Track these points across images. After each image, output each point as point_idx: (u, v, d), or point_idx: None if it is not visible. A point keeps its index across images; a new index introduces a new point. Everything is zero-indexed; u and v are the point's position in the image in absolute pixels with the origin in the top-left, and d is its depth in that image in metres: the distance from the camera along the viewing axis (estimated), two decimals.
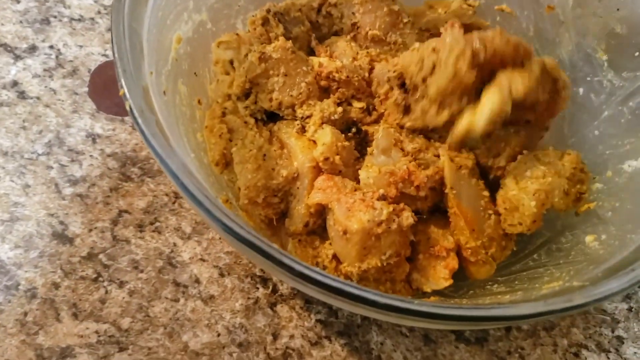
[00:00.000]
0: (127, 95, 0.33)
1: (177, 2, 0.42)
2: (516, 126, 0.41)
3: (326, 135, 0.39)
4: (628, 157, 0.42)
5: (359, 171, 0.39)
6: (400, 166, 0.37)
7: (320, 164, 0.38)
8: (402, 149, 0.38)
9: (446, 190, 0.38)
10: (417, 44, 0.41)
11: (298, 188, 0.40)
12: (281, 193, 0.41)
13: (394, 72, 0.40)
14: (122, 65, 0.34)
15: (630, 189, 0.40)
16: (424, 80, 0.38)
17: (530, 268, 0.42)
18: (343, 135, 0.40)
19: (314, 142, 0.40)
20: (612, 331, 0.47)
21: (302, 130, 0.41)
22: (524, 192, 0.38)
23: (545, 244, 0.44)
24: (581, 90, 0.48)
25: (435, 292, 0.42)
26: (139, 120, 0.32)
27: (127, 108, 0.33)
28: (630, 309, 0.48)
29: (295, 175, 0.40)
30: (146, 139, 0.32)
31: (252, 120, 0.43)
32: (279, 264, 0.29)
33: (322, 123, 0.40)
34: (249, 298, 0.45)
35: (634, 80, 0.44)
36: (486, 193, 0.40)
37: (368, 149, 0.39)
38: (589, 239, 0.40)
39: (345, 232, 0.36)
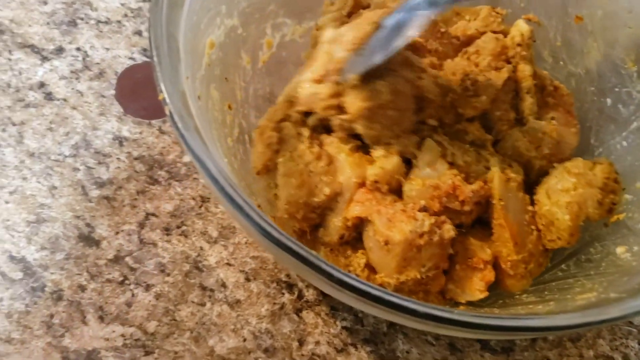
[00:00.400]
0: (167, 99, 0.33)
1: (210, 6, 0.42)
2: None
3: (389, 164, 0.38)
4: None
5: (404, 186, 0.38)
6: (445, 180, 0.37)
7: (367, 183, 0.38)
8: (452, 162, 0.38)
9: (494, 201, 0.38)
10: None
11: (337, 202, 0.40)
12: (320, 210, 0.41)
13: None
14: (162, 69, 0.34)
15: None
16: None
17: (560, 279, 0.42)
18: (403, 167, 0.39)
19: (369, 159, 0.39)
20: (639, 343, 0.46)
21: (356, 149, 0.40)
22: (557, 206, 0.38)
23: (574, 254, 0.43)
24: (609, 100, 0.48)
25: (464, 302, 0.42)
26: (179, 125, 0.32)
27: (167, 112, 0.33)
28: None
29: (338, 191, 0.40)
30: (186, 143, 0.32)
31: (306, 133, 0.42)
32: (319, 271, 0.29)
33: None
34: (274, 303, 0.45)
35: None
36: (531, 208, 0.39)
37: (413, 160, 0.39)
38: (620, 250, 0.40)
39: (386, 243, 0.36)
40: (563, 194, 0.39)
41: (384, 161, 0.38)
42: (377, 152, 0.39)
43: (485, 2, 0.52)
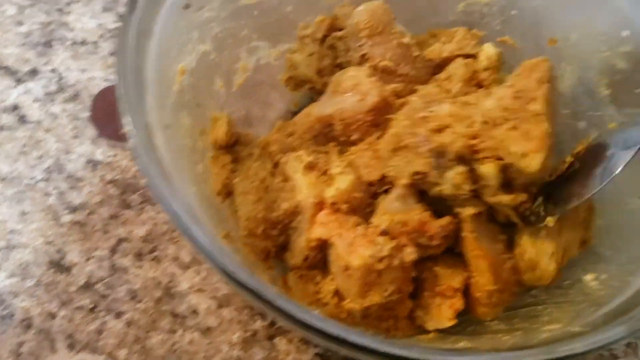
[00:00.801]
0: (131, 133, 0.33)
1: (181, 32, 0.42)
2: None
3: (344, 182, 0.38)
4: (630, 194, 0.42)
5: (372, 217, 0.38)
6: (413, 215, 0.37)
7: (326, 206, 0.38)
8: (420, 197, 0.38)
9: (464, 234, 0.38)
10: None
11: (299, 222, 0.40)
12: (281, 225, 0.41)
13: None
14: (127, 101, 0.34)
15: (630, 227, 0.40)
16: None
17: (529, 305, 0.41)
18: (363, 187, 0.39)
19: (325, 179, 0.39)
20: None
21: (311, 167, 0.40)
22: (542, 254, 0.38)
23: None
24: (582, 124, 0.48)
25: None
26: (144, 159, 0.32)
27: (130, 146, 0.33)
28: (629, 345, 0.48)
29: (297, 209, 0.40)
30: (150, 179, 0.31)
31: (257, 151, 0.43)
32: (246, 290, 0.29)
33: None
34: (246, 330, 0.45)
35: (635, 117, 0.44)
36: (503, 237, 0.39)
37: (382, 195, 0.39)
38: (588, 277, 0.40)
39: (346, 268, 0.36)
40: (548, 242, 0.38)
41: (340, 180, 0.38)
42: (335, 170, 0.39)
43: (461, 23, 0.52)
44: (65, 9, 0.57)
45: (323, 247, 0.40)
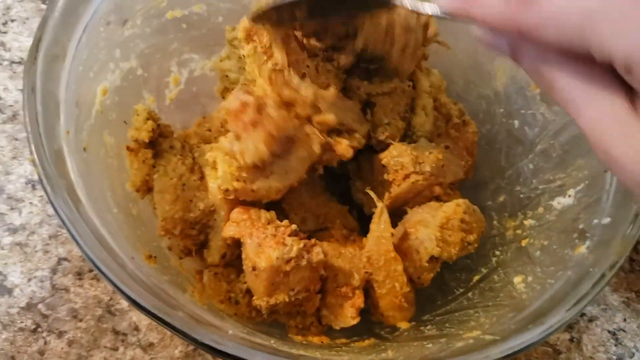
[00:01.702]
0: (37, 161, 0.33)
1: (101, 53, 0.41)
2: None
3: (220, 165, 0.38)
4: (558, 194, 0.42)
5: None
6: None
7: (224, 196, 0.38)
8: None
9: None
10: None
11: (215, 220, 0.40)
12: (199, 225, 0.41)
13: None
14: (32, 130, 0.34)
15: (557, 227, 0.41)
16: None
17: (464, 308, 0.42)
18: (242, 160, 0.38)
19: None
20: None
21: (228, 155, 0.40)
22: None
23: (481, 281, 0.44)
24: (516, 122, 0.48)
25: (372, 334, 0.42)
26: (47, 189, 0.32)
27: (37, 175, 0.33)
28: (572, 340, 0.48)
29: (212, 207, 0.40)
30: (55, 208, 0.32)
31: (178, 144, 0.43)
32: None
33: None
34: (188, 345, 0.45)
35: (564, 114, 0.44)
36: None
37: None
38: (517, 279, 0.40)
39: (254, 268, 0.36)
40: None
41: (219, 167, 0.38)
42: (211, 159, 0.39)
43: None
44: (2, 29, 0.56)
45: (239, 244, 0.40)
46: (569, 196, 0.41)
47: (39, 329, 0.45)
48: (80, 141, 0.38)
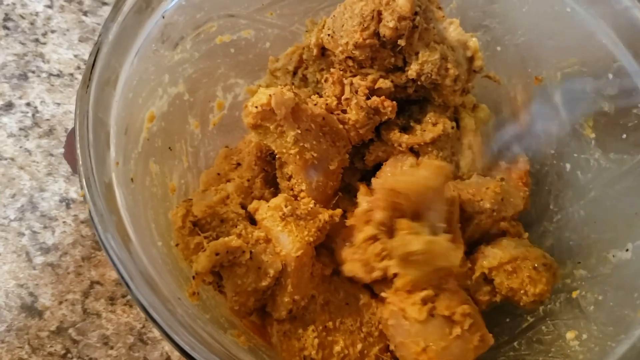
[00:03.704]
0: (87, 197, 0.32)
1: (150, 78, 0.40)
2: None
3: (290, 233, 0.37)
4: (613, 246, 0.41)
5: None
6: None
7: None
8: None
9: None
10: None
11: (281, 279, 0.38)
12: (270, 291, 0.39)
13: None
14: (84, 162, 0.32)
15: (613, 282, 0.39)
16: None
17: (509, 359, 0.40)
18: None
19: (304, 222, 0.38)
20: None
21: (286, 216, 0.38)
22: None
23: (528, 330, 0.42)
24: (568, 166, 0.46)
25: None
26: (98, 228, 0.31)
27: (88, 211, 0.31)
28: None
29: (281, 270, 0.38)
30: (105, 248, 0.30)
31: (242, 212, 0.40)
32: None
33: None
34: None
35: (620, 163, 0.43)
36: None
37: None
38: (569, 335, 0.38)
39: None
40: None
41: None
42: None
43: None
44: (41, 39, 0.55)
45: (306, 299, 0.38)
46: (627, 250, 0.39)
47: (69, 355, 0.44)
48: (129, 171, 0.37)
